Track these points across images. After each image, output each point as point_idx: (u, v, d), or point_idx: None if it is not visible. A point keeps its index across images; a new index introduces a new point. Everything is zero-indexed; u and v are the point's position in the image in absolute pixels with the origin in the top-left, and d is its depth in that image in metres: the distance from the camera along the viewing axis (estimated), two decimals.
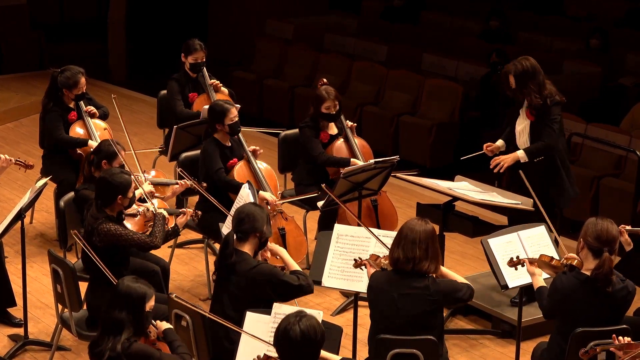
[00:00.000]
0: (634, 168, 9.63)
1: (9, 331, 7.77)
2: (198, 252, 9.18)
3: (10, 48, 15.03)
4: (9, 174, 10.32)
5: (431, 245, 5.92)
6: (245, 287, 6.14)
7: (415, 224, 5.96)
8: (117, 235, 6.74)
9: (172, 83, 9.60)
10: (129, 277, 5.68)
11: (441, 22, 14.94)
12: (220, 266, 6.26)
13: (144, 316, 5.55)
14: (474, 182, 7.94)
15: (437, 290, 5.94)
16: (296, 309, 5.42)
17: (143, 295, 5.56)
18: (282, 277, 6.20)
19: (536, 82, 7.72)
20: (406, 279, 5.93)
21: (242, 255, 6.22)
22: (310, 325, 5.12)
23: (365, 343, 6.37)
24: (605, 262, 5.94)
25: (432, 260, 5.93)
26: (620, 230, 6.57)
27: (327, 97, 8.59)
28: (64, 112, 8.96)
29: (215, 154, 8.21)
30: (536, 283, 6.31)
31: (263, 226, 6.27)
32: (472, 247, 9.17)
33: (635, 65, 12.59)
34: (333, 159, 8.62)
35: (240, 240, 6.27)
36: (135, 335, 5.53)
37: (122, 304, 5.51)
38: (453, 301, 6.13)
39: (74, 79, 8.87)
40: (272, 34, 15.07)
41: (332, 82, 9.25)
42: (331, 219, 8.40)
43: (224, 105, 8.25)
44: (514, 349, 7.17)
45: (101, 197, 6.85)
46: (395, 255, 5.94)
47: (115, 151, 7.65)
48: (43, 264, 8.66)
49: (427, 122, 12.02)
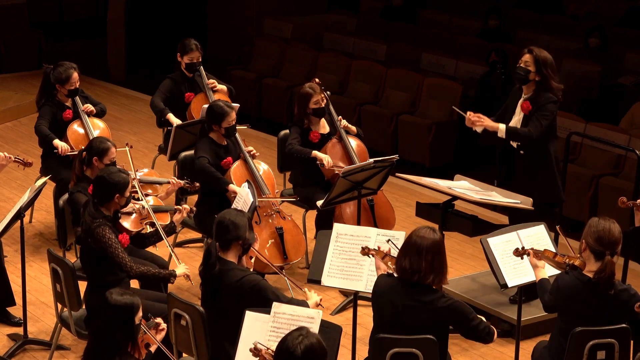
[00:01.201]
0: (633, 167, 9.62)
1: (8, 330, 7.77)
2: (197, 251, 9.18)
3: (9, 47, 15.04)
4: (9, 173, 10.32)
5: (437, 257, 5.77)
6: (233, 297, 6.06)
7: (424, 233, 5.80)
8: (106, 245, 6.70)
9: (165, 80, 9.61)
10: (115, 290, 5.62)
11: (440, 21, 14.95)
12: (206, 278, 6.18)
13: (134, 329, 5.53)
14: (474, 181, 7.94)
15: (444, 307, 5.78)
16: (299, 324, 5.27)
17: (130, 307, 5.51)
18: (267, 295, 6.05)
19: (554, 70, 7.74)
20: (411, 290, 5.81)
21: (227, 265, 6.13)
22: (310, 346, 4.92)
23: (364, 342, 6.36)
24: (607, 265, 5.91)
25: (438, 273, 5.78)
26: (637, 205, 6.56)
27: (313, 92, 8.58)
28: (58, 109, 8.95)
29: (205, 147, 8.21)
30: (538, 275, 6.29)
31: (245, 233, 6.16)
32: (471, 246, 9.18)
33: (635, 64, 12.59)
34: (297, 150, 8.60)
35: (223, 248, 6.18)
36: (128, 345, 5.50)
37: (112, 320, 5.47)
38: (466, 329, 5.85)
39: (66, 74, 8.87)
40: (271, 33, 15.07)
41: (331, 81, 9.26)
42: (328, 218, 8.41)
43: (224, 107, 8.24)
44: (514, 348, 7.17)
45: (98, 195, 6.84)
46: (402, 265, 5.81)
47: (106, 148, 7.64)
48: (42, 263, 8.66)
49: (427, 121, 12.03)
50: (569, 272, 6.07)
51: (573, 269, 6.05)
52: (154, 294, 7.03)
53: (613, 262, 5.95)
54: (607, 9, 14.41)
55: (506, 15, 14.16)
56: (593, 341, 5.97)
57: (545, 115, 7.72)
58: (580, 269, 6.03)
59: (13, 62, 14.86)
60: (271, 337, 5.72)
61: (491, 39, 13.49)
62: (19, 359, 7.46)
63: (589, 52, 12.80)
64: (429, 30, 14.48)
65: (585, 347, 5.97)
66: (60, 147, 8.77)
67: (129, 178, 6.92)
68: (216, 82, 9.63)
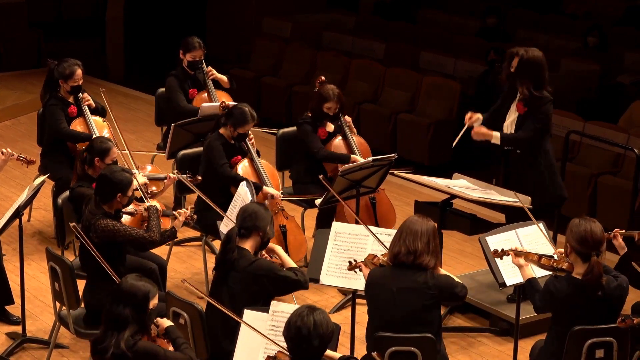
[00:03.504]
0: (631, 166, 9.63)
1: (7, 329, 7.77)
2: (196, 249, 9.18)
3: (8, 46, 15.03)
4: (7, 171, 10.32)
5: (432, 241, 5.96)
6: (243, 282, 6.15)
7: (417, 220, 6.00)
8: (114, 231, 6.72)
9: (171, 79, 9.61)
10: (132, 275, 5.68)
11: (439, 20, 14.95)
12: (221, 261, 6.27)
13: (147, 314, 5.55)
14: (472, 180, 7.94)
15: (435, 284, 5.95)
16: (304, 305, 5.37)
17: (147, 293, 5.55)
18: (280, 272, 6.23)
19: (537, 76, 7.68)
20: (405, 272, 5.94)
21: (242, 252, 6.23)
22: (323, 318, 5.16)
23: (363, 341, 6.37)
24: (594, 267, 5.88)
25: (433, 255, 5.96)
26: (614, 234, 6.53)
27: (332, 97, 8.59)
28: (64, 105, 8.95)
29: (221, 149, 8.21)
30: (524, 275, 6.25)
31: (266, 226, 6.29)
32: (470, 244, 9.17)
33: (633, 63, 12.59)
34: (333, 155, 8.62)
35: (243, 236, 6.28)
36: (139, 333, 5.53)
37: (126, 301, 5.51)
38: (448, 296, 6.09)
39: (70, 70, 8.86)
40: (270, 32, 15.07)
41: (330, 80, 9.25)
42: (329, 217, 8.41)
43: (247, 117, 8.19)
44: (512, 347, 7.17)
45: (101, 193, 6.84)
46: (396, 250, 5.96)
47: (107, 148, 7.64)
48: (41, 261, 8.66)
49: (425, 120, 12.03)
50: (558, 276, 6.04)
51: (562, 272, 6.02)
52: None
53: (600, 262, 5.91)
54: (606, 8, 14.41)
55: (505, 14, 14.16)
56: (591, 340, 5.97)
57: (541, 118, 7.71)
58: (569, 272, 6.00)
59: (12, 61, 14.85)
60: (270, 335, 5.73)
61: (490, 38, 13.49)
62: (17, 357, 7.46)
63: (588, 52, 12.80)
64: (427, 29, 14.48)
65: (584, 346, 5.97)
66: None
67: (132, 177, 6.93)
68: (214, 71, 9.64)
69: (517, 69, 7.70)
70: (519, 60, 7.68)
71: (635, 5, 13.93)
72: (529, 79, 7.66)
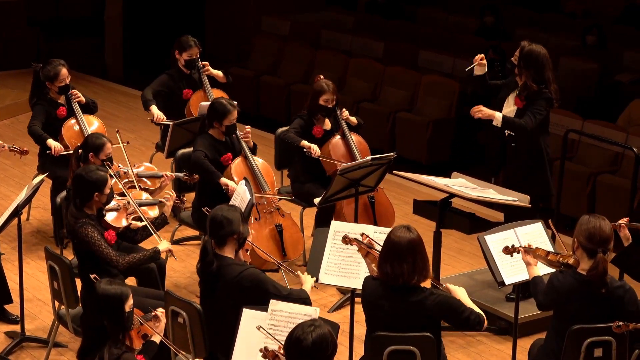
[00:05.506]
0: (630, 165, 9.62)
1: (5, 328, 7.77)
2: (195, 248, 9.18)
3: (6, 45, 15.02)
4: (6, 170, 10.32)
5: (418, 257, 5.74)
6: (232, 294, 6.06)
7: (400, 234, 5.76)
8: (90, 244, 6.71)
9: (163, 75, 9.62)
10: (104, 280, 5.64)
11: (438, 19, 14.95)
12: (204, 275, 6.18)
13: (124, 317, 5.54)
14: (471, 179, 7.94)
15: (434, 305, 5.77)
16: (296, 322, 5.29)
17: (120, 297, 5.53)
18: (268, 288, 6.07)
19: (536, 69, 7.73)
20: (397, 291, 5.79)
21: (224, 260, 6.13)
22: (322, 336, 4.97)
23: (362, 340, 6.35)
24: (599, 263, 5.89)
25: (421, 272, 5.76)
26: (620, 225, 6.55)
27: (327, 89, 8.64)
28: (51, 107, 8.93)
29: (204, 143, 8.22)
30: (531, 273, 6.25)
31: (239, 227, 6.15)
32: (468, 243, 9.18)
33: (632, 62, 12.59)
34: (287, 136, 8.64)
35: (219, 245, 6.17)
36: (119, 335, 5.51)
37: (102, 310, 5.49)
38: (453, 321, 5.86)
39: (54, 71, 8.85)
40: (268, 31, 15.07)
41: (329, 79, 9.26)
42: (328, 216, 8.41)
43: (227, 106, 8.23)
44: (511, 346, 7.17)
45: (78, 195, 6.83)
46: (385, 270, 5.78)
47: (101, 144, 7.64)
48: (40, 260, 8.66)
49: (424, 119, 12.03)
50: (563, 271, 6.06)
51: (567, 268, 6.04)
52: (151, 291, 7.02)
53: (605, 259, 5.93)
54: (605, 6, 14.40)
55: (504, 13, 14.15)
56: (590, 339, 5.97)
57: (538, 111, 7.75)
58: (574, 268, 6.01)
59: (10, 59, 14.84)
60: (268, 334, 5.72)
61: (489, 36, 13.48)
62: (16, 356, 7.46)
63: (587, 50, 12.79)
64: (426, 28, 14.47)
65: (583, 345, 5.97)
66: (53, 147, 8.73)
67: (107, 175, 6.90)
68: (209, 67, 9.64)
69: (518, 59, 7.84)
70: (520, 51, 7.83)
71: (634, 4, 13.92)
72: (527, 69, 7.74)
